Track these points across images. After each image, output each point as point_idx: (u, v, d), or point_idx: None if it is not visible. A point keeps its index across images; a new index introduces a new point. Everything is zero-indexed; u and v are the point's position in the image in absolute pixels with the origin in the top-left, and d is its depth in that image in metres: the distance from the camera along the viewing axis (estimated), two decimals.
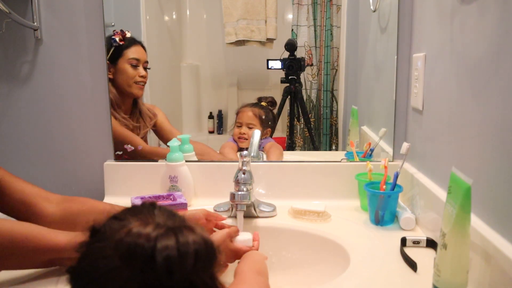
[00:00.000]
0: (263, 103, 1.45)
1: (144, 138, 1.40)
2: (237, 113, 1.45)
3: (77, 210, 0.91)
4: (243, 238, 0.95)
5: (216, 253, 0.52)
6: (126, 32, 1.31)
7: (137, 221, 0.51)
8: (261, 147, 1.41)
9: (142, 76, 1.34)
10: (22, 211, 0.88)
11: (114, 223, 0.52)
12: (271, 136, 1.46)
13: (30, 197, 0.90)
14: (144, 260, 0.47)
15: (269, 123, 1.44)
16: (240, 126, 1.42)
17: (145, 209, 0.54)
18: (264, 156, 1.38)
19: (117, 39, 1.29)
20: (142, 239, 0.48)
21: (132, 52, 1.32)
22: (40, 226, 0.80)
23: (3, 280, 0.82)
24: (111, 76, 1.31)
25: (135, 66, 1.32)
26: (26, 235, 0.77)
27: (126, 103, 1.35)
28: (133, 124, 1.35)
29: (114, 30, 1.30)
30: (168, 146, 1.24)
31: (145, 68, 1.35)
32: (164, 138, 1.41)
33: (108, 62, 1.29)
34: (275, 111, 1.47)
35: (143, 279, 0.47)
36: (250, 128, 1.40)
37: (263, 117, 1.43)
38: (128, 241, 0.48)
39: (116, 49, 1.30)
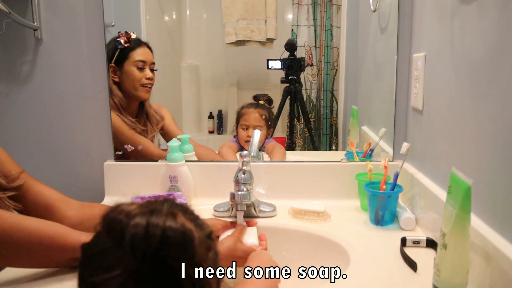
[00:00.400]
0: (261, 102, 1.44)
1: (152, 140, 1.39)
2: (240, 115, 1.43)
3: (95, 215, 0.91)
4: (250, 242, 0.97)
5: (192, 244, 0.51)
6: (131, 33, 1.29)
7: (136, 205, 0.53)
8: (263, 147, 1.41)
9: (148, 78, 1.31)
10: (42, 213, 0.91)
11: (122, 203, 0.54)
12: (271, 135, 1.46)
13: (51, 201, 0.94)
14: (118, 234, 0.49)
15: (271, 122, 1.44)
16: (247, 129, 1.41)
17: (160, 200, 0.55)
18: (264, 156, 1.38)
19: (122, 41, 1.26)
20: (122, 215, 0.50)
21: (138, 54, 1.30)
22: (65, 226, 0.83)
23: (4, 280, 0.82)
24: (117, 80, 1.30)
25: (141, 68, 1.30)
26: (53, 234, 0.80)
27: (133, 106, 1.34)
28: (140, 128, 1.33)
29: (119, 32, 1.28)
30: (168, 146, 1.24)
31: (152, 70, 1.32)
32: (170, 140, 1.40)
33: (113, 65, 1.28)
34: (274, 110, 1.47)
35: (124, 260, 0.48)
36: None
37: (267, 117, 1.42)
38: (112, 215, 0.51)
39: (122, 51, 1.28)
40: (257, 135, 1.35)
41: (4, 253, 0.78)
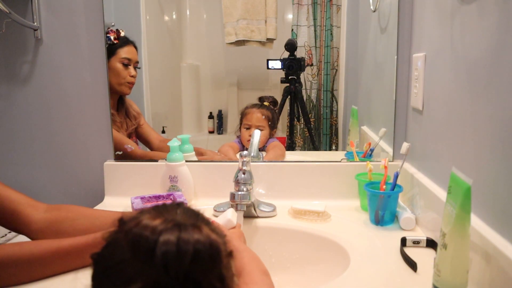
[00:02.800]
0: (265, 103, 1.44)
1: (136, 141, 1.40)
2: (244, 115, 1.43)
3: (63, 216, 0.91)
4: (224, 218, 0.92)
5: (220, 255, 0.51)
6: (121, 31, 1.31)
7: (151, 214, 0.52)
8: (264, 147, 1.41)
9: (132, 76, 1.35)
10: (8, 218, 0.88)
11: (137, 215, 0.53)
12: (274, 136, 1.46)
13: (16, 205, 0.89)
14: (146, 252, 0.48)
15: (273, 123, 1.44)
16: (249, 128, 1.41)
17: (170, 206, 0.55)
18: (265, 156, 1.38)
19: (112, 37, 1.29)
20: (147, 231, 0.49)
21: (125, 52, 1.33)
22: None
23: None
24: None
25: (126, 65, 1.33)
26: None
27: (113, 99, 1.35)
28: (120, 120, 1.36)
29: (108, 28, 1.29)
30: (169, 147, 1.24)
31: (135, 68, 1.36)
32: (142, 137, 1.42)
33: None
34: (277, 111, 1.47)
35: (146, 273, 0.47)
36: (260, 130, 1.39)
37: (270, 118, 1.42)
38: (135, 231, 0.49)
39: (110, 47, 1.30)
40: (257, 135, 1.35)
41: None
